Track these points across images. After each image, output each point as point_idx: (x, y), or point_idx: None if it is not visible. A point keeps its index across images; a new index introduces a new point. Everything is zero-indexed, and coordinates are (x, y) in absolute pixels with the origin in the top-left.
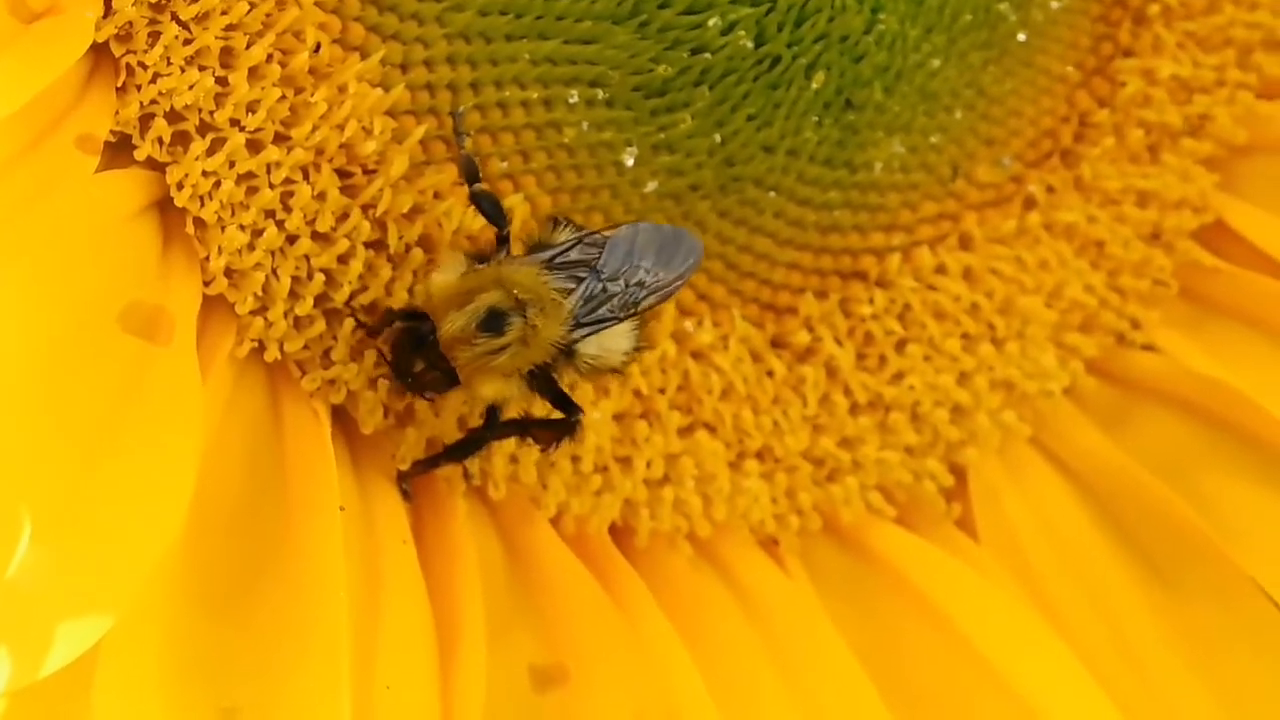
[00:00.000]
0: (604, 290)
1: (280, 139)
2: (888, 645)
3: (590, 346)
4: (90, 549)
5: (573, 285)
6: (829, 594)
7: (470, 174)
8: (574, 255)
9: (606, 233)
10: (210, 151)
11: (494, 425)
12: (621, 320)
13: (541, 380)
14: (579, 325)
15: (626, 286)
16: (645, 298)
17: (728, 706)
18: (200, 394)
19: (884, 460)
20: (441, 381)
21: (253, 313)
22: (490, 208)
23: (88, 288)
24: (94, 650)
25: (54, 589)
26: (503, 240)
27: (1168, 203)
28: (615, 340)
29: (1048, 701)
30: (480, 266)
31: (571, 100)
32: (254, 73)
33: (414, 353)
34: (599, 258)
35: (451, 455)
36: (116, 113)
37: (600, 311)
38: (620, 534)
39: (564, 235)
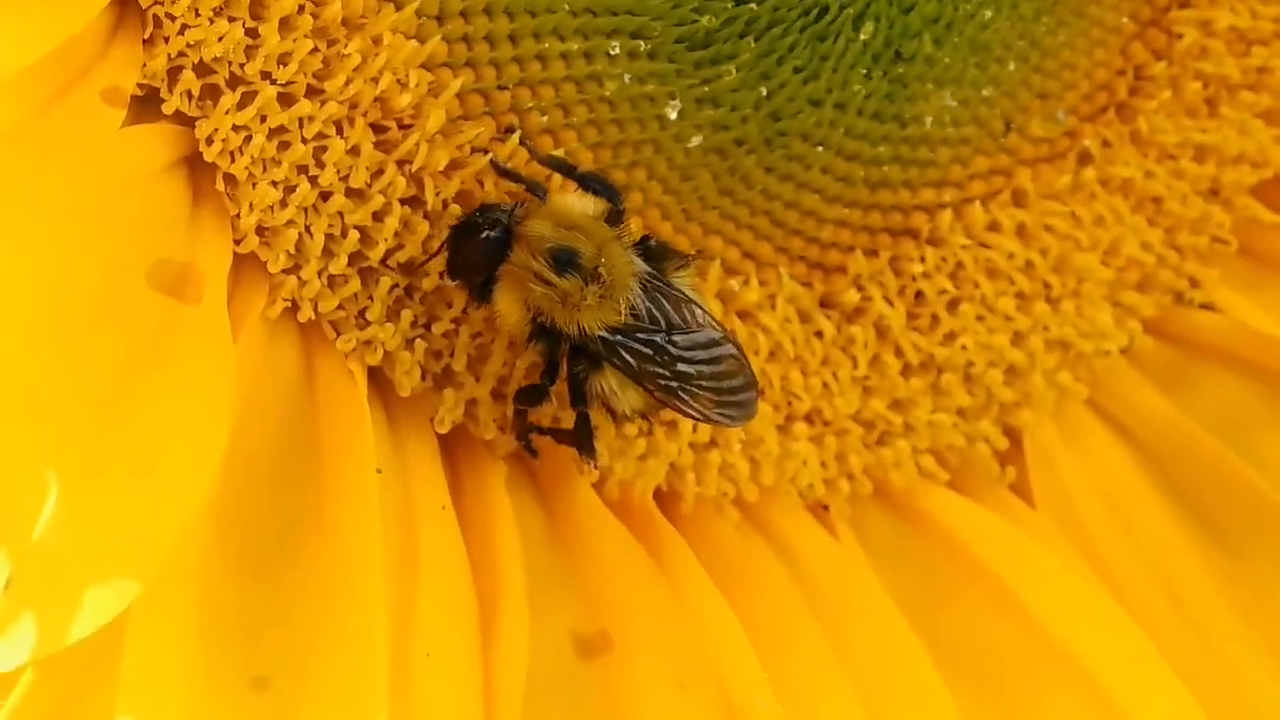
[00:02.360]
0: (657, 346)
1: (313, 92)
2: (941, 611)
3: (610, 380)
4: (118, 512)
5: (642, 315)
6: (880, 560)
7: (565, 168)
8: (667, 304)
9: (713, 324)
10: (241, 105)
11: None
12: (637, 378)
13: (548, 340)
14: (613, 337)
15: (673, 365)
16: (672, 386)
17: (777, 674)
18: (231, 354)
19: (936, 423)
20: (483, 266)
21: (285, 271)
22: (602, 187)
23: (114, 244)
24: (122, 616)
25: (80, 553)
26: (618, 214)
27: (1226, 157)
28: (621, 389)
29: (1106, 667)
30: (595, 213)
31: (613, 52)
32: (285, 24)
33: (485, 231)
34: (685, 328)
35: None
36: (143, 65)
37: (637, 353)
38: (665, 499)
39: (685, 279)
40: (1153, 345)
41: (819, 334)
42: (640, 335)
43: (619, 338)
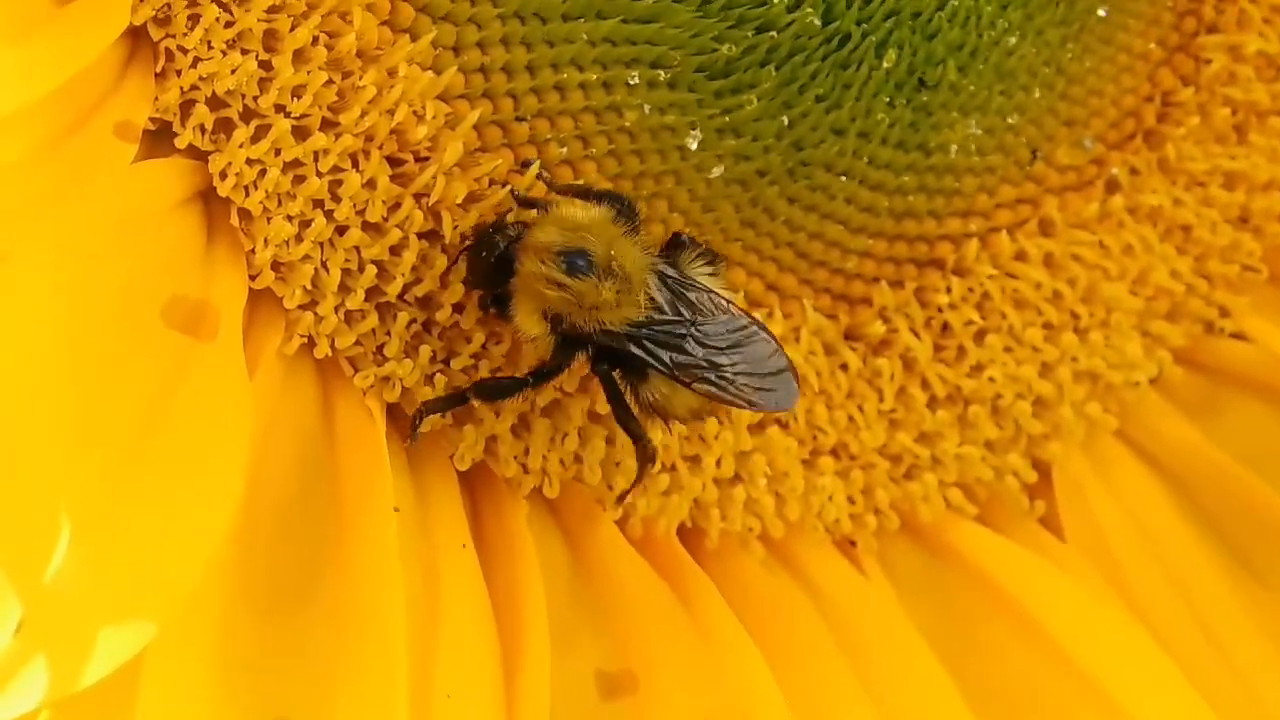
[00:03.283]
0: (684, 337)
1: (328, 125)
2: (971, 647)
3: (659, 386)
4: (132, 553)
5: (664, 308)
6: (908, 595)
7: (584, 193)
8: (689, 294)
9: (736, 310)
10: (254, 139)
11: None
12: (672, 374)
13: (574, 349)
14: (639, 333)
15: (706, 356)
16: (709, 377)
17: (804, 712)
18: (247, 391)
19: (964, 456)
20: (495, 281)
21: (301, 307)
22: (621, 204)
23: (127, 281)
24: (138, 658)
25: (94, 595)
26: (634, 225)
27: (1256, 184)
28: (672, 392)
29: (1138, 701)
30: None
31: (632, 82)
32: (299, 56)
33: (494, 246)
34: (710, 317)
35: (482, 393)
36: (156, 99)
37: (666, 346)
38: (689, 535)
39: (699, 271)
40: (1183, 375)
41: (844, 367)
42: (664, 328)
43: (644, 332)
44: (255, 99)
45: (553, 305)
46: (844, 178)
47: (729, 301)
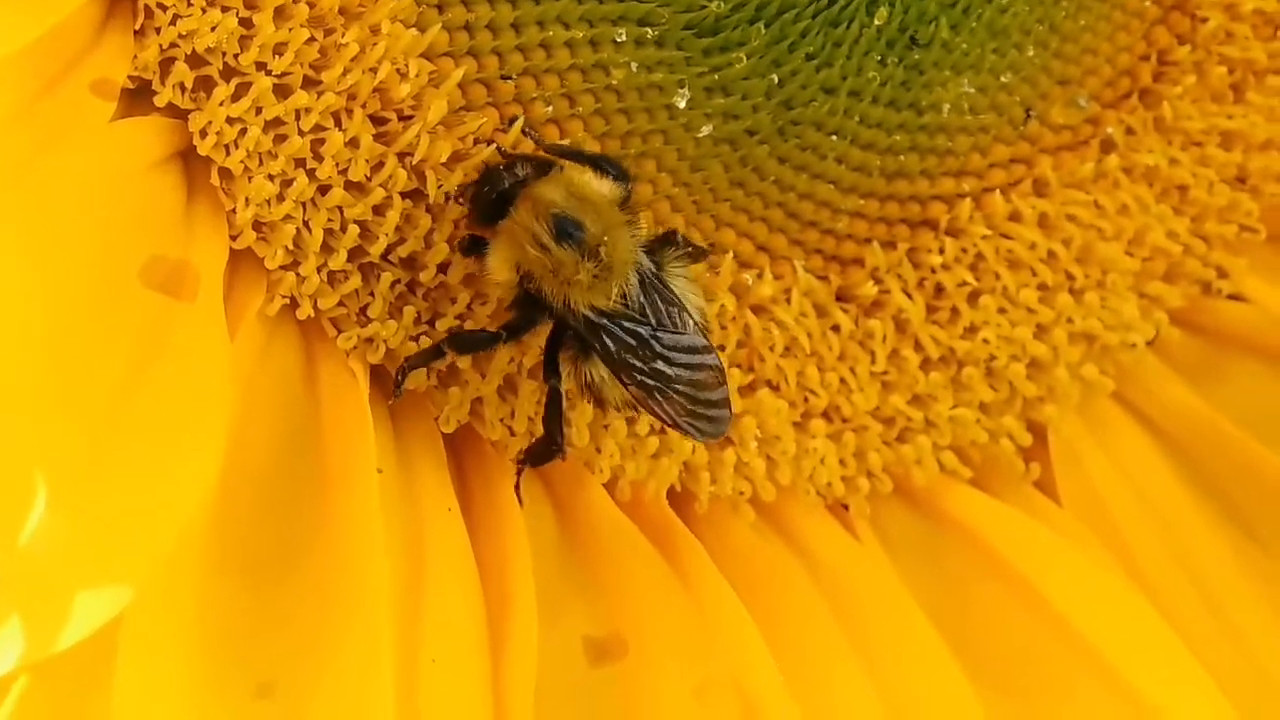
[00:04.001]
0: (640, 338)
1: (309, 83)
2: (965, 612)
3: (601, 368)
4: (109, 516)
5: (633, 306)
6: (902, 560)
7: (573, 154)
8: (661, 303)
9: (698, 334)
10: (235, 97)
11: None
12: (615, 368)
13: (531, 311)
14: (598, 320)
15: (652, 361)
16: (647, 384)
17: (797, 678)
18: (228, 353)
19: (958, 418)
20: (487, 219)
21: (283, 267)
22: (614, 169)
23: (105, 241)
24: (117, 624)
25: (70, 558)
26: (627, 198)
27: (1253, 144)
28: (609, 382)
29: (1135, 665)
30: (611, 196)
31: (619, 40)
32: (280, 13)
33: (500, 182)
34: (673, 329)
35: (455, 344)
36: (134, 56)
37: (619, 340)
38: (679, 499)
39: (688, 273)
40: (1180, 337)
41: (836, 328)
42: (626, 324)
43: (604, 321)
44: (236, 56)
45: (528, 264)
46: (835, 137)
47: (697, 323)
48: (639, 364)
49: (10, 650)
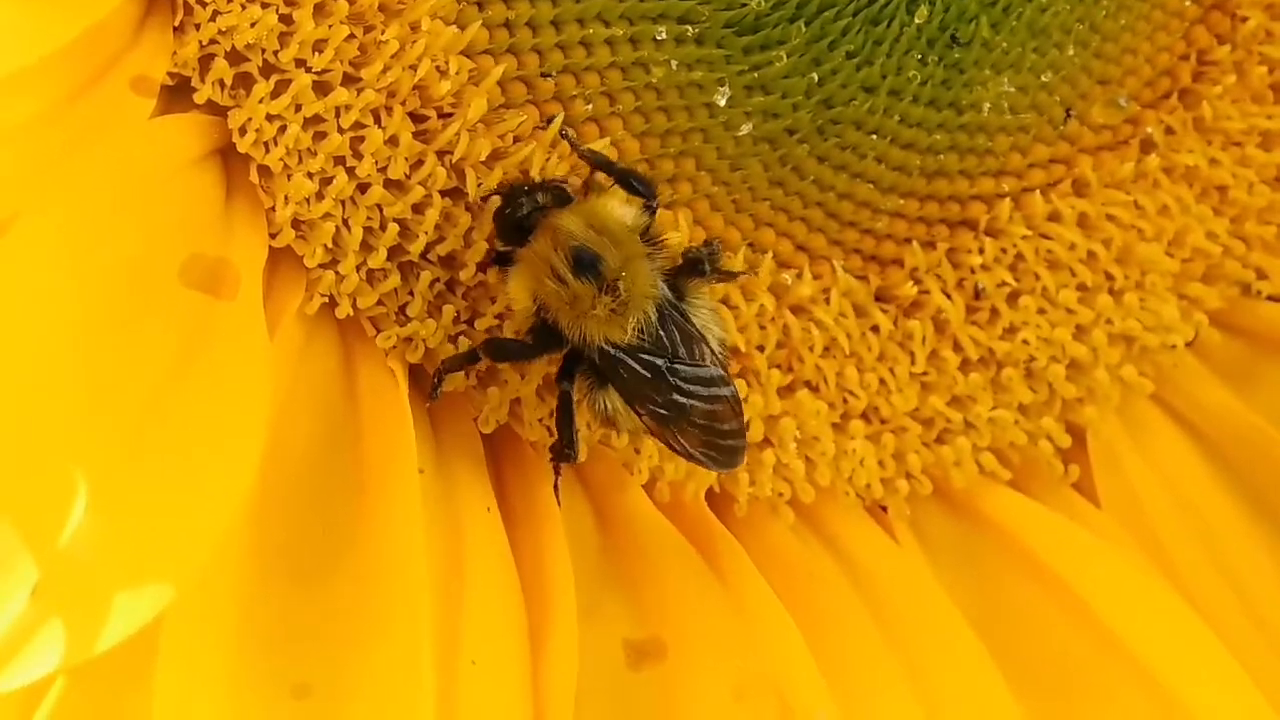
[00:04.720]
0: (657, 370)
1: (349, 80)
2: (1004, 614)
3: (614, 399)
4: (149, 517)
5: (649, 339)
6: (941, 562)
7: (604, 164)
8: (679, 335)
9: (716, 363)
10: (275, 94)
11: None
12: (629, 399)
13: (548, 340)
14: (614, 353)
15: (669, 394)
16: (661, 414)
17: (836, 679)
18: (268, 352)
19: (997, 420)
20: (507, 240)
21: (322, 266)
22: (641, 185)
23: (145, 239)
24: (156, 624)
25: (111, 559)
26: (650, 210)
27: None
28: (623, 411)
29: (1175, 668)
30: (634, 225)
31: (659, 37)
32: (320, 9)
33: (519, 207)
34: (689, 361)
35: (489, 351)
36: (174, 53)
37: (634, 373)
38: (718, 500)
39: (702, 304)
40: (1219, 338)
41: (875, 329)
42: (643, 357)
43: (620, 354)
44: (275, 53)
45: (545, 295)
46: (874, 136)
47: (714, 354)
48: (654, 395)
49: (51, 652)
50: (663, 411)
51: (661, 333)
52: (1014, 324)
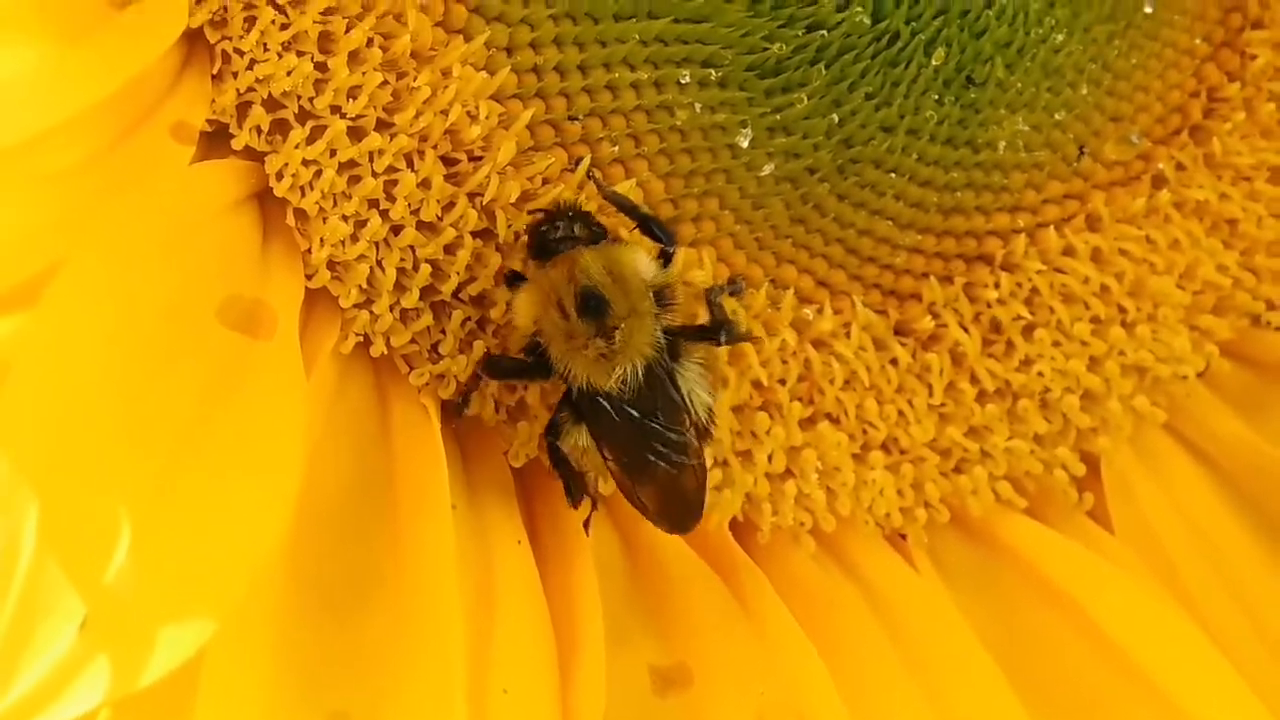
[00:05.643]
0: (632, 422)
1: (383, 125)
2: (1021, 641)
3: (584, 437)
4: (191, 553)
5: (629, 392)
6: (959, 589)
7: (628, 207)
8: (660, 399)
9: (691, 437)
10: (310, 140)
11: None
12: (598, 443)
13: (537, 351)
14: (589, 394)
15: (637, 450)
16: (626, 464)
17: (857, 707)
18: (304, 389)
19: (1013, 450)
20: (535, 254)
21: (357, 306)
22: (661, 231)
23: (184, 280)
24: (198, 657)
25: (154, 595)
26: (667, 256)
27: None
28: (589, 452)
29: (1190, 696)
30: (652, 282)
31: (683, 81)
32: (354, 57)
33: (555, 229)
34: (666, 423)
35: (487, 368)
36: (212, 101)
37: (609, 420)
38: (741, 530)
39: (694, 365)
40: (1230, 369)
41: (894, 362)
42: (623, 408)
43: (600, 399)
44: (311, 100)
45: (545, 320)
46: (893, 174)
47: (694, 422)
48: (625, 446)
49: (97, 686)
50: (628, 462)
51: (645, 390)
52: (1029, 356)
